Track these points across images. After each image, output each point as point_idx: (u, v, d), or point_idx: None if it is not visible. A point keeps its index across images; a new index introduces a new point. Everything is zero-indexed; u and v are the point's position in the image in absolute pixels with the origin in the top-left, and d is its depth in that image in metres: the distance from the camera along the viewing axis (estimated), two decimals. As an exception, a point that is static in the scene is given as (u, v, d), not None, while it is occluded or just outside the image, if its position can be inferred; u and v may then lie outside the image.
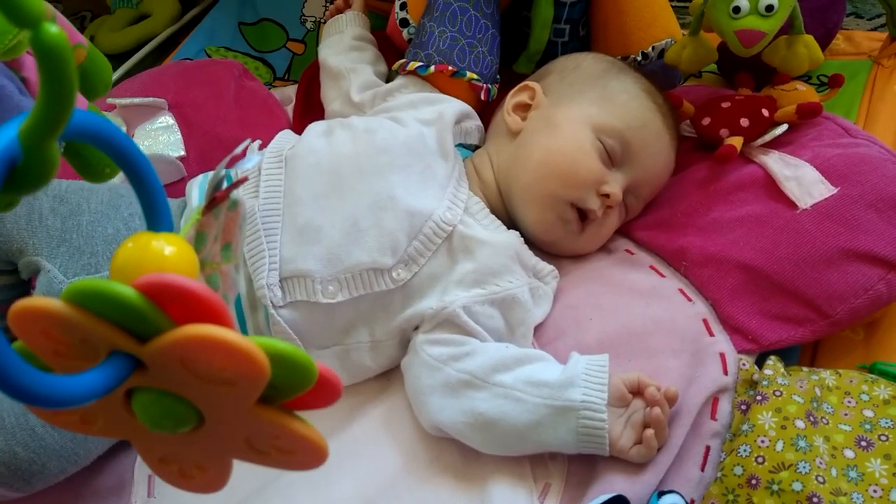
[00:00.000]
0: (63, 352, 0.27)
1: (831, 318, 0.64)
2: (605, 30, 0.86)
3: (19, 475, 0.58)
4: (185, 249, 0.28)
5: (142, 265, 0.27)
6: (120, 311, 0.25)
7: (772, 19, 0.71)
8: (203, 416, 0.28)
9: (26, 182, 0.25)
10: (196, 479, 0.31)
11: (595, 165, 0.69)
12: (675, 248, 0.71)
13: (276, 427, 0.27)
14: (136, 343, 0.26)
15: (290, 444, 0.28)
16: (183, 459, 0.30)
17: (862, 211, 0.65)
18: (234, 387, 0.26)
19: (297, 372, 0.26)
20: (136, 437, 0.30)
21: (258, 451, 0.29)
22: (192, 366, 0.25)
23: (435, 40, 0.79)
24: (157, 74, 0.93)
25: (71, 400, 0.24)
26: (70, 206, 0.66)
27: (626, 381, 0.59)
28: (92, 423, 0.29)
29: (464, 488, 0.61)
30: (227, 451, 0.29)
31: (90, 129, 0.27)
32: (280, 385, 0.26)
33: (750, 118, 0.73)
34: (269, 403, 0.27)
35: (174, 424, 0.27)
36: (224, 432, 0.28)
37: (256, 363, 0.25)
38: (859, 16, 1.08)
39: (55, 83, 0.23)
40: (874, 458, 0.54)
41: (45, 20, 0.22)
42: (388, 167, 0.68)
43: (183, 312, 0.25)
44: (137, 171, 0.29)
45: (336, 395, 0.28)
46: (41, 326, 0.26)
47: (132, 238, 0.28)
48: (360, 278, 0.65)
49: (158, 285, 0.25)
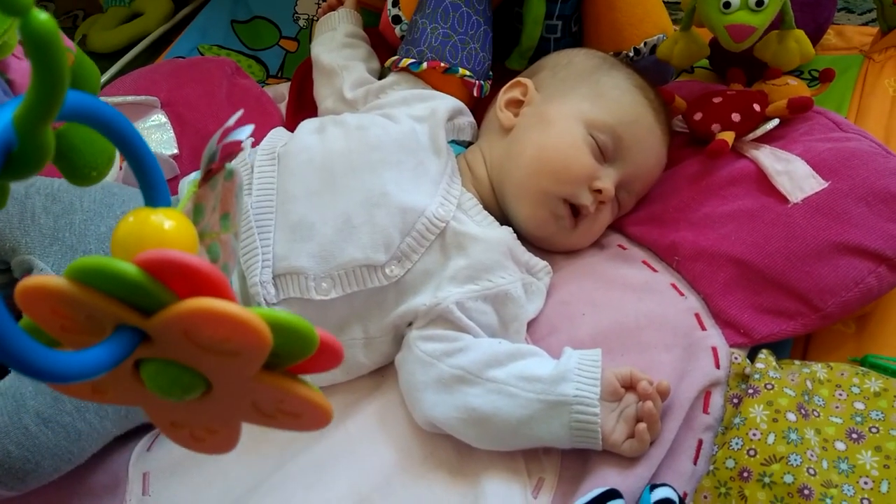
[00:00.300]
0: (70, 327, 0.27)
1: (822, 312, 0.64)
2: (597, 26, 0.86)
3: (13, 474, 0.58)
4: (183, 223, 0.29)
5: (142, 240, 0.27)
6: (123, 287, 0.25)
7: (762, 14, 0.71)
8: (210, 383, 0.28)
9: (23, 167, 0.25)
10: (207, 442, 0.32)
11: (587, 161, 0.70)
12: (668, 243, 0.71)
13: (280, 392, 0.28)
14: (140, 317, 0.26)
15: (296, 406, 0.29)
16: (193, 423, 0.31)
17: (852, 205, 0.66)
18: (237, 356, 0.26)
19: (299, 339, 0.27)
20: (147, 404, 0.31)
21: (265, 414, 0.30)
22: (195, 338, 0.26)
23: (427, 37, 0.79)
24: (149, 72, 0.93)
25: (80, 374, 0.25)
26: (63, 205, 0.66)
27: (618, 376, 0.60)
28: (103, 392, 0.30)
29: (458, 484, 0.61)
30: (235, 415, 0.30)
31: (85, 110, 0.27)
32: (282, 352, 0.27)
33: (741, 113, 0.74)
34: (273, 370, 0.28)
35: (182, 392, 0.28)
36: (231, 398, 0.29)
37: (258, 333, 0.25)
38: (850, 10, 1.08)
39: (46, 68, 0.23)
40: (865, 450, 0.55)
41: (34, 7, 0.22)
42: (381, 164, 0.68)
43: (185, 286, 0.26)
44: (134, 149, 0.30)
45: (338, 360, 0.29)
46: (48, 304, 0.26)
47: (132, 213, 0.28)
48: (353, 275, 0.65)
49: (160, 261, 0.25)
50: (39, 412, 0.58)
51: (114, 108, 0.29)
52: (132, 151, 0.30)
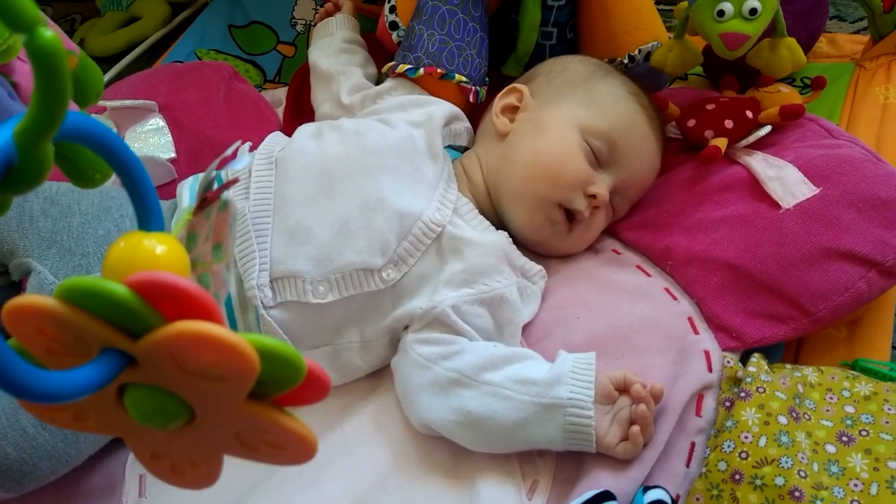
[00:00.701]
0: (56, 349, 0.27)
1: (814, 316, 0.65)
2: (592, 33, 0.87)
3: (10, 475, 0.58)
4: (176, 248, 0.29)
5: (133, 263, 0.27)
6: (112, 308, 0.25)
7: (755, 22, 0.72)
8: (194, 412, 0.28)
9: (21, 182, 0.25)
10: (188, 475, 0.31)
11: (582, 166, 0.70)
12: (661, 248, 0.72)
13: (265, 422, 0.28)
14: (127, 340, 0.26)
15: (280, 438, 0.28)
16: (175, 455, 0.31)
17: (843, 211, 0.66)
18: (224, 382, 0.26)
19: (287, 368, 0.26)
20: (129, 434, 0.31)
21: (248, 446, 0.29)
22: (182, 362, 0.26)
23: (424, 43, 0.80)
24: (147, 77, 0.93)
25: (64, 395, 0.25)
26: (61, 208, 0.66)
27: (612, 379, 0.60)
28: (84, 419, 0.30)
29: (453, 486, 0.62)
30: (218, 447, 0.30)
31: (83, 130, 0.27)
32: (269, 381, 0.27)
33: (734, 120, 0.75)
34: (258, 399, 0.28)
35: (165, 420, 0.27)
36: (215, 428, 0.29)
37: (246, 359, 0.25)
38: (842, 19, 1.09)
39: (49, 85, 0.23)
40: (855, 452, 0.55)
41: (40, 24, 0.22)
42: (378, 169, 0.69)
43: (174, 310, 0.25)
44: (129, 172, 0.30)
45: (325, 391, 0.28)
46: (35, 324, 0.26)
47: (124, 237, 0.28)
48: (350, 278, 0.65)
49: (150, 283, 0.25)
50: (37, 414, 0.58)
51: (110, 129, 0.29)
52: (128, 174, 0.30)
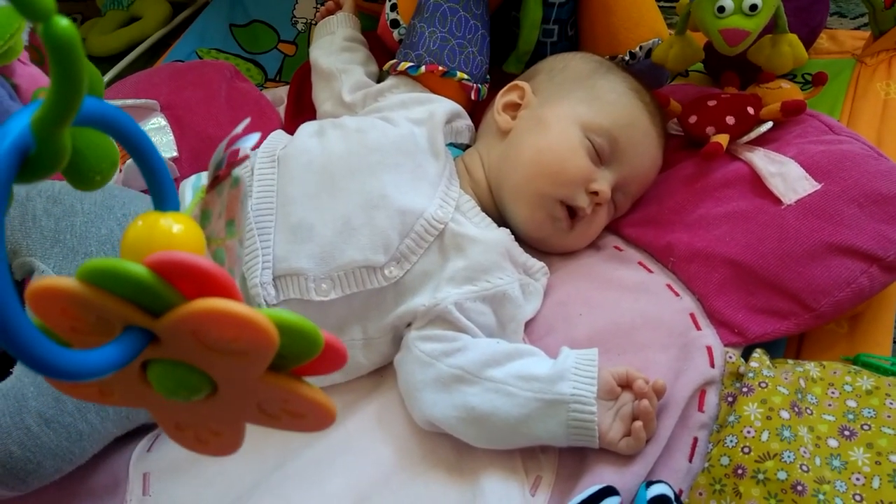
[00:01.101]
0: (80, 328, 0.28)
1: (815, 312, 0.65)
2: (593, 30, 0.87)
3: (15, 474, 0.58)
4: (192, 227, 0.29)
5: (151, 243, 0.28)
6: (133, 288, 0.26)
7: (756, 18, 0.72)
8: (216, 385, 0.29)
9: (39, 169, 0.26)
10: (211, 444, 0.32)
11: (584, 163, 0.70)
12: (663, 245, 0.72)
13: (286, 392, 0.29)
14: (149, 318, 0.27)
15: (300, 407, 0.29)
16: (198, 425, 0.32)
17: (845, 206, 0.67)
18: (244, 356, 0.27)
19: (304, 340, 0.27)
20: (153, 406, 0.32)
21: (269, 414, 0.30)
22: (204, 338, 0.26)
23: (425, 41, 0.80)
24: (148, 76, 0.93)
25: (90, 373, 0.25)
26: (63, 207, 0.66)
27: (615, 375, 0.60)
28: (110, 394, 0.31)
29: (456, 482, 0.62)
30: (240, 417, 0.31)
31: (99, 116, 0.28)
32: (288, 353, 0.28)
33: (736, 116, 0.75)
34: (277, 371, 0.29)
35: (188, 393, 0.28)
36: (236, 399, 0.29)
37: (266, 333, 0.26)
38: (843, 15, 1.09)
39: (66, 74, 0.24)
40: (857, 447, 0.56)
41: (56, 13, 0.23)
42: (380, 166, 0.69)
43: (193, 287, 0.26)
44: (144, 154, 0.31)
45: (342, 361, 0.29)
46: (59, 305, 0.27)
47: (141, 217, 0.29)
48: (352, 276, 0.65)
49: (169, 263, 0.26)
50: (41, 413, 0.58)
51: (126, 113, 0.29)
52: (143, 156, 0.31)
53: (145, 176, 0.32)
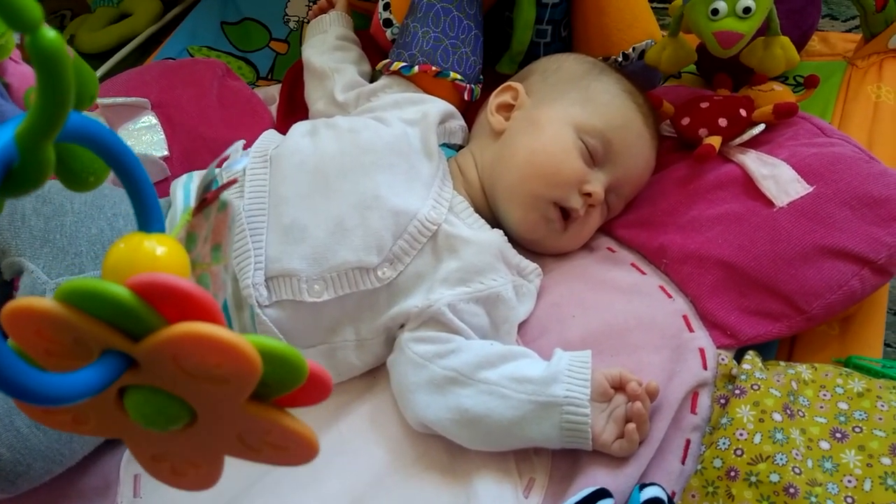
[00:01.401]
0: (56, 351, 0.27)
1: (807, 314, 0.65)
2: (587, 31, 0.87)
3: (4, 476, 0.58)
4: (176, 249, 0.28)
5: (134, 265, 0.27)
6: (113, 310, 0.25)
7: (749, 21, 0.72)
8: (195, 414, 0.28)
9: (22, 183, 0.25)
10: (188, 477, 0.31)
11: (577, 165, 0.70)
12: (656, 246, 0.72)
13: (268, 423, 0.28)
14: (128, 342, 0.26)
15: (282, 439, 0.29)
16: (175, 457, 0.31)
17: (837, 209, 0.67)
18: (226, 384, 0.26)
19: (288, 369, 0.26)
20: (129, 436, 0.30)
21: (250, 447, 0.29)
22: (184, 363, 0.26)
23: (418, 40, 0.79)
24: (139, 74, 0.92)
25: (65, 397, 0.24)
26: (53, 207, 0.65)
27: (608, 377, 0.61)
28: (84, 422, 0.30)
29: (450, 484, 0.62)
30: (220, 448, 0.30)
31: (84, 132, 0.27)
32: (271, 382, 0.27)
33: (728, 118, 0.75)
34: (260, 400, 0.28)
35: (166, 422, 0.27)
36: (216, 429, 0.29)
37: (249, 360, 0.25)
38: (834, 17, 1.10)
39: (52, 86, 0.23)
40: (849, 449, 0.56)
41: (43, 24, 0.22)
42: (373, 167, 0.69)
43: (175, 311, 0.25)
44: (129, 173, 0.30)
45: (326, 392, 0.28)
46: (34, 326, 0.26)
47: (124, 239, 0.28)
48: (345, 277, 0.65)
49: (151, 285, 0.25)
50: (31, 414, 0.58)
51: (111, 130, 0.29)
52: (128, 175, 0.30)
53: (129, 195, 0.31)
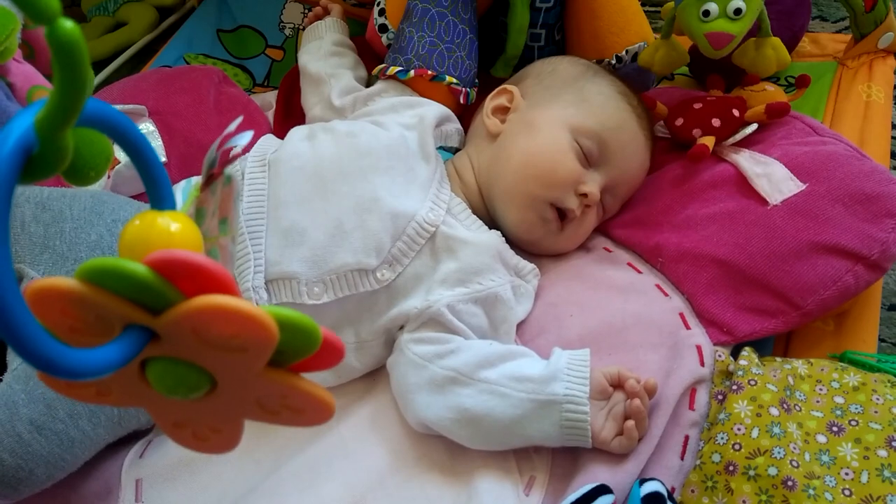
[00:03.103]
0: (79, 328, 0.28)
1: (802, 310, 0.66)
2: (580, 34, 0.88)
3: (6, 482, 0.58)
4: (189, 226, 0.30)
5: (149, 242, 0.28)
6: (133, 287, 0.26)
7: (740, 22, 0.73)
8: (215, 382, 0.29)
9: (42, 169, 0.26)
10: (210, 441, 0.32)
11: (573, 166, 0.71)
12: (652, 245, 0.73)
13: (285, 387, 0.29)
14: (149, 316, 0.27)
15: (300, 402, 0.30)
16: (197, 423, 0.32)
17: (830, 206, 0.68)
18: (245, 353, 0.27)
19: (303, 336, 0.28)
20: (151, 405, 0.32)
21: (269, 410, 0.30)
22: (204, 334, 0.26)
23: (414, 45, 0.80)
24: (136, 81, 0.93)
25: (94, 371, 0.25)
26: (52, 213, 0.66)
27: (606, 375, 0.61)
28: (107, 394, 0.31)
29: (451, 483, 0.62)
30: (240, 413, 0.31)
31: (98, 117, 0.28)
32: (287, 349, 0.28)
33: (721, 118, 0.76)
34: (276, 367, 0.29)
35: (188, 390, 0.28)
36: (236, 395, 0.30)
37: (266, 329, 0.26)
38: (824, 19, 1.11)
39: (70, 74, 0.24)
40: (845, 442, 0.57)
41: (61, 15, 0.23)
42: (371, 170, 0.69)
43: (192, 285, 0.26)
44: (141, 154, 0.31)
45: (339, 357, 0.30)
46: (58, 305, 0.27)
47: (139, 216, 0.29)
48: (344, 279, 0.65)
49: (169, 261, 0.26)
50: (33, 420, 0.58)
51: (124, 114, 0.29)
52: (140, 157, 0.31)
53: (142, 175, 0.32)
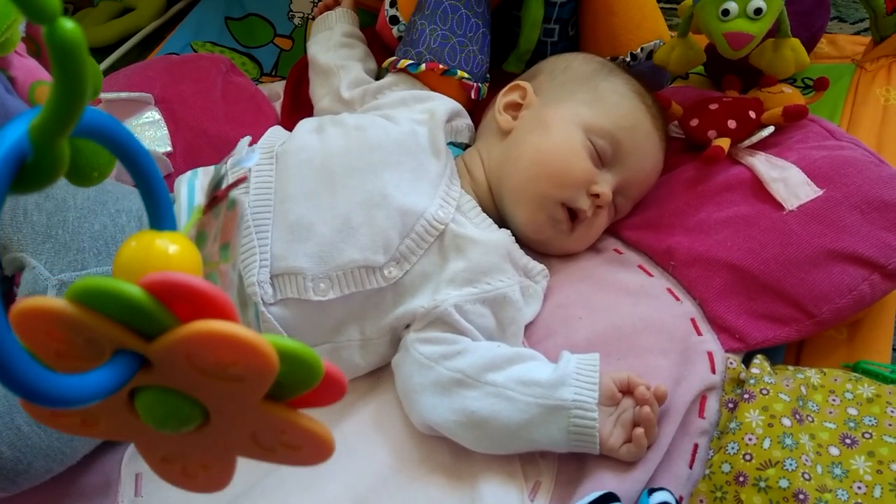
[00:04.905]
0: (66, 352, 0.26)
1: (816, 318, 0.65)
2: (595, 30, 0.86)
3: (4, 475, 0.57)
4: (188, 248, 0.28)
5: (146, 264, 0.26)
6: (126, 310, 0.25)
7: (760, 22, 0.72)
8: (208, 414, 0.27)
9: (36, 179, 0.24)
10: (199, 478, 0.31)
11: (585, 165, 0.70)
12: (663, 248, 0.72)
13: (283, 422, 0.28)
14: (141, 341, 0.25)
15: (297, 439, 0.28)
16: (186, 458, 0.30)
17: (847, 212, 0.66)
18: (241, 383, 0.26)
19: (304, 369, 0.26)
20: (139, 437, 0.30)
21: (264, 447, 0.29)
22: (199, 362, 0.25)
23: (426, 38, 0.79)
24: (142, 69, 0.92)
25: (78, 399, 0.24)
26: (55, 202, 0.65)
27: (616, 380, 0.60)
28: (93, 424, 0.29)
29: (455, 486, 0.61)
30: (233, 449, 0.29)
31: (97, 127, 0.27)
32: (286, 382, 0.26)
33: (737, 120, 0.74)
34: (274, 401, 0.27)
35: (179, 423, 0.27)
36: (230, 429, 0.28)
37: (265, 357, 0.25)
38: (843, 20, 1.09)
39: (69, 80, 0.22)
40: (858, 455, 0.56)
41: (61, 15, 0.21)
42: (381, 165, 0.68)
43: (189, 310, 0.25)
44: (141, 170, 0.29)
45: (340, 394, 0.28)
46: (45, 326, 0.25)
47: (136, 237, 0.27)
48: (351, 276, 0.64)
49: (165, 284, 0.25)
50: (32, 412, 0.57)
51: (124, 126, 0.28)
52: (140, 173, 0.29)
53: (141, 192, 0.30)
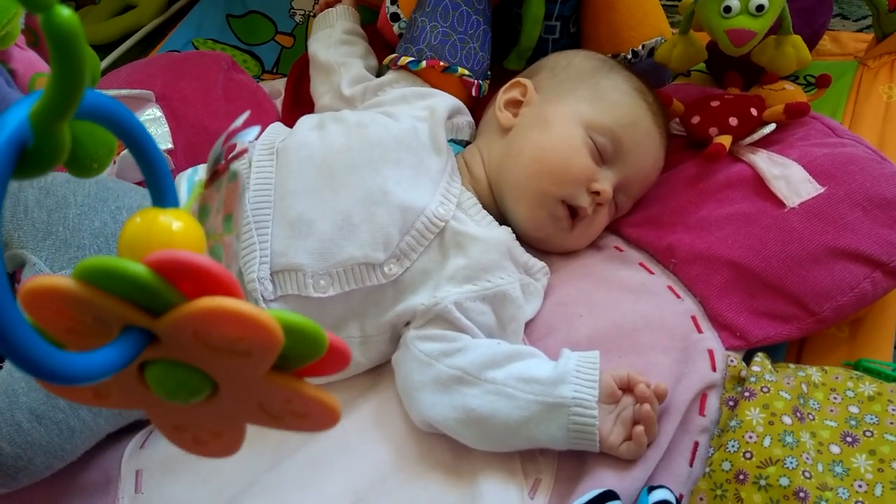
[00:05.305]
0: (76, 329, 0.27)
1: (818, 316, 0.65)
2: (596, 27, 0.86)
3: (4, 471, 0.57)
4: (191, 224, 0.29)
5: (150, 241, 0.27)
6: (132, 287, 0.25)
7: (762, 19, 0.72)
8: (217, 385, 0.28)
9: (37, 164, 0.25)
10: (210, 445, 0.32)
11: (586, 163, 0.70)
12: (664, 246, 0.72)
13: (289, 392, 0.28)
14: (149, 318, 0.26)
15: (304, 407, 0.29)
16: (197, 427, 0.31)
17: (848, 210, 0.66)
18: (248, 356, 0.26)
19: (309, 341, 0.27)
20: (150, 408, 0.31)
21: (272, 415, 0.29)
22: (206, 338, 0.26)
23: (426, 35, 0.79)
24: (144, 66, 0.92)
25: (90, 376, 0.25)
26: (56, 199, 0.65)
27: (616, 378, 0.60)
28: (105, 396, 0.30)
29: (454, 484, 0.61)
30: (241, 417, 0.30)
31: (98, 109, 0.27)
32: (291, 354, 0.27)
33: (739, 117, 0.74)
34: (280, 371, 0.28)
35: (189, 394, 0.28)
36: (238, 399, 0.29)
37: (271, 332, 0.25)
38: (845, 17, 1.09)
39: (67, 66, 0.23)
40: (859, 453, 0.55)
41: (57, 3, 0.22)
42: (381, 161, 0.68)
43: (194, 286, 0.25)
44: (144, 150, 0.30)
45: (345, 363, 0.29)
46: (55, 305, 0.26)
47: (139, 214, 0.28)
48: (351, 273, 0.64)
49: (170, 262, 0.25)
50: (32, 409, 0.57)
51: (125, 106, 0.28)
52: (142, 151, 0.30)
53: (144, 171, 0.31)
